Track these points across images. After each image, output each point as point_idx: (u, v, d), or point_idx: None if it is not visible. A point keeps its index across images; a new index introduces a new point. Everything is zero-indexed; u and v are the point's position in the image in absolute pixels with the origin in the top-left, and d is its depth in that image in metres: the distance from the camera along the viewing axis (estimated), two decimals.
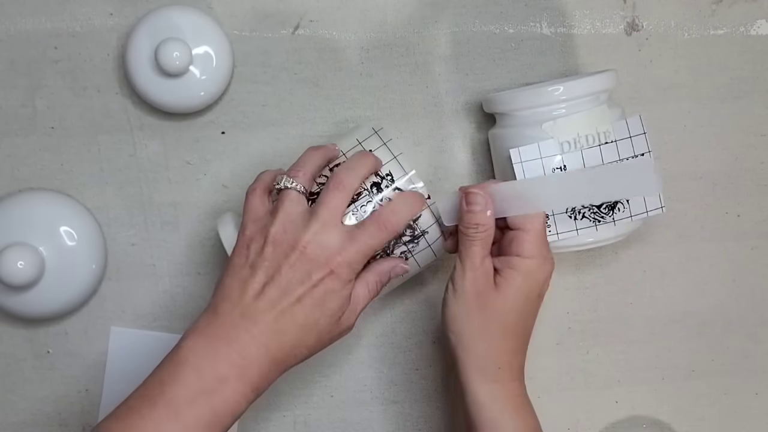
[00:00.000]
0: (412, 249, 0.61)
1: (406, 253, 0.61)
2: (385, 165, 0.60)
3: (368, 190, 0.60)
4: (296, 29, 0.69)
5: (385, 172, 0.60)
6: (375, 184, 0.60)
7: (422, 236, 0.61)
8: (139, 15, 0.68)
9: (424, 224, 0.61)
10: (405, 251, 0.61)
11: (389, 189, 0.60)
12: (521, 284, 0.59)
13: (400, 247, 0.61)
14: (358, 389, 0.73)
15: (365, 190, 0.59)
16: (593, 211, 0.62)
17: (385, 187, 0.60)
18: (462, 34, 0.70)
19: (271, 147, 0.70)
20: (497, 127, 0.67)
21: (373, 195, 0.59)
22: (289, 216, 0.56)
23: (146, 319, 0.71)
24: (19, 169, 0.69)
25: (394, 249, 0.61)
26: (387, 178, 0.60)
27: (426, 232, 0.61)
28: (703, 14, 0.72)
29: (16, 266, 0.61)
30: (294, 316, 0.55)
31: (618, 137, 0.62)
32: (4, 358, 0.70)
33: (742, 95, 0.73)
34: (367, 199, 0.59)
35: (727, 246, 0.74)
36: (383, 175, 0.60)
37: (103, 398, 0.71)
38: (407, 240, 0.61)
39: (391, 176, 0.60)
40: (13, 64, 0.68)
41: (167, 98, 0.66)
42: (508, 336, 0.60)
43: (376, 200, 0.59)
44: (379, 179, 0.60)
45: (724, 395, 0.75)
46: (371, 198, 0.59)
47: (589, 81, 0.62)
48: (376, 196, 0.59)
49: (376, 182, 0.60)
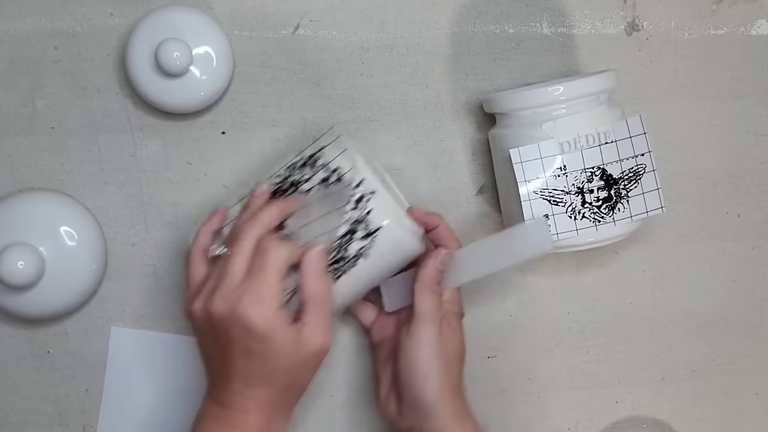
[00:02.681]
0: (367, 247, 0.59)
1: (363, 250, 0.59)
2: (333, 160, 0.60)
3: (317, 186, 0.60)
4: (296, 29, 0.69)
5: (334, 167, 0.60)
6: (323, 180, 0.60)
7: (377, 232, 0.59)
8: (139, 15, 0.68)
9: (378, 218, 0.59)
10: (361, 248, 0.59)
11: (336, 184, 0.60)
12: (462, 331, 0.65)
13: (355, 243, 0.59)
14: (358, 389, 0.73)
15: (314, 186, 0.60)
16: (593, 211, 0.62)
17: (334, 183, 0.60)
18: (462, 34, 0.70)
19: (272, 147, 0.70)
20: (497, 127, 0.67)
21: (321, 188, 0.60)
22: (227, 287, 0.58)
23: (146, 319, 0.71)
24: (20, 169, 0.69)
25: (348, 247, 0.59)
26: (334, 173, 0.60)
27: (380, 227, 0.59)
28: (704, 14, 0.72)
29: (17, 266, 0.61)
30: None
31: (618, 137, 0.62)
32: (4, 358, 0.70)
33: (742, 95, 0.73)
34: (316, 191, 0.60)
35: (727, 246, 0.74)
36: (332, 170, 0.60)
37: (103, 398, 0.71)
38: (361, 236, 0.59)
39: (338, 170, 0.60)
40: (14, 64, 0.68)
41: (167, 98, 0.66)
42: (463, 382, 0.65)
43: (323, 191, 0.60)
44: (327, 174, 0.60)
45: (725, 395, 0.75)
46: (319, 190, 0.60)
47: (589, 81, 0.62)
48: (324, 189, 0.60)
49: (324, 177, 0.60)
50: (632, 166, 0.63)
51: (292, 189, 0.61)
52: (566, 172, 0.62)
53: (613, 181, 0.62)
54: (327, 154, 0.61)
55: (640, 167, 0.63)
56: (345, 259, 0.59)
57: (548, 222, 0.61)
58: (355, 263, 0.60)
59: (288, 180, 0.62)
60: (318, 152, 0.62)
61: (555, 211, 0.62)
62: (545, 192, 0.62)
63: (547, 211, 0.62)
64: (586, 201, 0.62)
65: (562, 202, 0.62)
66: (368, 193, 0.59)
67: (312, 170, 0.61)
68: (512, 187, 0.64)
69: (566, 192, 0.62)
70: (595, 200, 0.62)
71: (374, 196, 0.59)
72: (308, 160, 0.62)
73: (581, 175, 0.62)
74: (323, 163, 0.61)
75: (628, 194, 0.63)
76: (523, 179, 0.62)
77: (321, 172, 0.60)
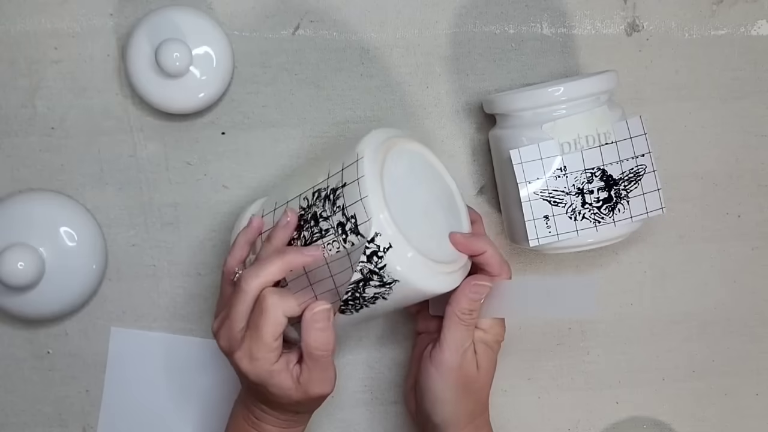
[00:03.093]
0: (385, 293, 0.56)
1: (381, 294, 0.56)
2: (351, 205, 0.55)
3: (334, 229, 0.56)
4: (297, 30, 0.69)
5: (351, 213, 0.55)
6: (340, 224, 0.55)
7: (393, 283, 0.55)
8: (139, 15, 0.67)
9: (393, 273, 0.55)
10: (378, 293, 0.56)
11: (353, 235, 0.55)
12: (495, 358, 0.63)
13: (371, 289, 0.56)
14: (358, 389, 0.73)
15: (332, 228, 0.56)
16: (593, 212, 0.62)
17: (350, 231, 0.55)
18: (462, 34, 0.70)
19: (272, 147, 0.70)
20: (497, 127, 0.67)
21: (338, 235, 0.56)
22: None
23: (146, 320, 0.71)
24: (20, 169, 0.69)
25: (365, 290, 0.56)
26: (351, 220, 0.55)
27: (397, 280, 0.55)
28: (704, 15, 0.72)
29: (17, 267, 0.61)
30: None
31: (618, 138, 0.62)
32: (4, 358, 0.70)
33: (742, 96, 0.73)
34: (332, 238, 0.56)
35: (727, 246, 0.74)
36: (348, 216, 0.55)
37: (103, 399, 0.71)
38: (377, 285, 0.55)
39: (355, 220, 0.55)
40: (14, 65, 0.68)
41: (167, 99, 0.66)
42: (486, 405, 0.64)
43: (341, 240, 0.56)
44: (345, 219, 0.55)
45: (725, 396, 0.75)
46: (337, 238, 0.56)
47: (589, 82, 0.62)
48: (340, 237, 0.55)
49: (341, 222, 0.55)
50: (632, 166, 0.63)
51: (313, 222, 0.57)
52: (566, 172, 0.62)
53: (613, 182, 0.62)
54: (347, 195, 0.55)
55: (641, 168, 0.63)
56: (363, 299, 0.57)
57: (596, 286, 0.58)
58: (374, 302, 0.57)
59: (311, 210, 0.58)
60: (340, 189, 0.56)
61: (555, 211, 0.62)
62: (545, 193, 0.62)
63: (547, 211, 0.62)
64: (587, 202, 0.62)
65: (563, 203, 0.62)
66: (383, 249, 0.54)
67: (332, 209, 0.56)
68: (512, 188, 0.63)
69: (566, 193, 0.62)
70: (596, 201, 0.62)
71: (390, 251, 0.54)
72: (330, 194, 0.57)
73: (581, 175, 0.62)
74: (341, 206, 0.55)
75: (628, 195, 0.63)
76: (524, 180, 0.62)
77: (339, 215, 0.56)
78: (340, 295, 0.57)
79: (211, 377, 0.71)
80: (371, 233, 0.54)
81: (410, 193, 0.58)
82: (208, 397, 0.71)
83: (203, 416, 0.71)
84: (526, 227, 0.63)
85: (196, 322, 0.71)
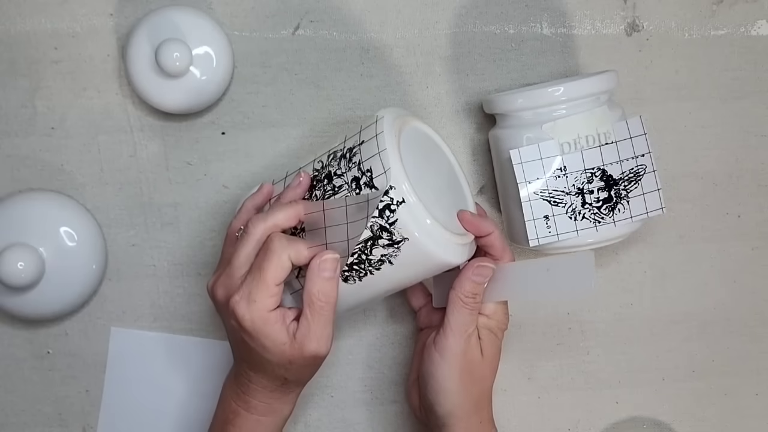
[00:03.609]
0: (392, 254, 0.56)
1: (388, 257, 0.56)
2: (368, 159, 0.56)
3: (348, 185, 0.56)
4: (297, 30, 0.69)
5: (367, 167, 0.55)
6: (355, 179, 0.56)
7: (403, 242, 0.55)
8: (139, 15, 0.68)
9: (403, 230, 0.54)
10: (385, 254, 0.56)
11: (367, 188, 0.55)
12: (499, 346, 0.62)
13: (378, 249, 0.55)
14: (358, 389, 0.73)
15: (345, 184, 0.56)
16: (593, 212, 0.62)
17: (364, 185, 0.55)
18: (462, 34, 0.70)
19: (272, 147, 0.70)
20: (497, 127, 0.67)
21: (352, 190, 0.56)
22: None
23: (146, 320, 0.71)
24: (20, 169, 0.69)
25: (372, 252, 0.56)
26: (366, 174, 0.55)
27: (406, 238, 0.55)
28: (704, 15, 0.72)
29: (17, 267, 0.61)
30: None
31: (618, 138, 0.62)
32: (4, 358, 0.70)
33: (742, 96, 0.73)
34: (345, 194, 0.56)
35: (727, 246, 0.74)
36: (364, 170, 0.56)
37: (103, 399, 0.71)
38: (386, 244, 0.55)
39: (371, 173, 0.55)
40: (14, 65, 0.68)
41: (167, 99, 0.66)
42: (490, 397, 0.63)
43: (354, 195, 0.56)
44: (360, 174, 0.56)
45: (725, 396, 0.75)
46: (350, 193, 0.56)
47: (589, 82, 0.62)
48: (354, 191, 0.56)
49: (356, 177, 0.56)
50: (632, 166, 0.63)
51: (326, 181, 0.57)
52: (566, 172, 0.62)
53: (613, 182, 0.62)
54: (364, 151, 0.56)
55: (641, 168, 0.63)
56: (369, 262, 0.56)
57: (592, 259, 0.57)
58: (379, 267, 0.56)
59: (325, 170, 0.58)
60: (357, 147, 0.57)
61: (555, 211, 0.62)
62: (545, 193, 0.62)
63: (547, 211, 0.62)
64: (587, 202, 0.62)
65: (563, 203, 0.62)
66: (396, 203, 0.54)
67: (347, 165, 0.57)
68: (512, 188, 0.64)
69: (566, 193, 0.62)
70: (596, 201, 0.62)
71: (402, 206, 0.54)
72: (347, 153, 0.57)
73: (581, 175, 0.62)
74: (357, 161, 0.56)
75: (628, 195, 0.63)
76: (524, 180, 0.62)
77: (355, 170, 0.56)
78: (348, 250, 0.56)
79: (212, 377, 0.71)
80: (386, 185, 0.54)
81: (421, 168, 0.58)
82: (208, 396, 0.71)
83: (203, 416, 0.71)
84: (526, 227, 0.63)
85: (196, 322, 0.71)
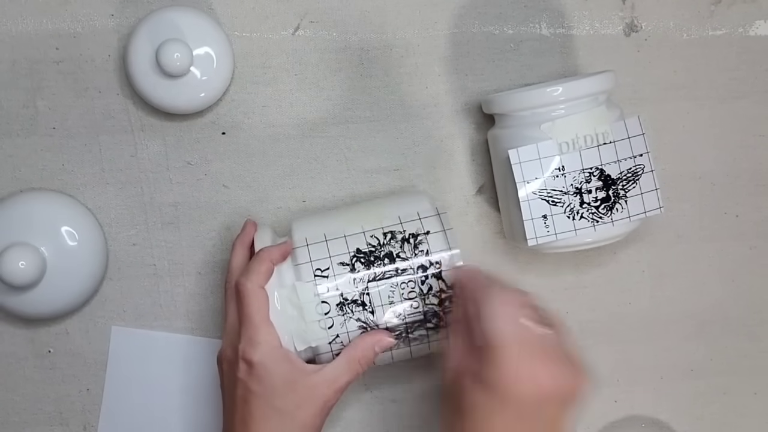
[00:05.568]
0: (431, 336, 0.61)
1: (428, 338, 0.61)
2: (436, 253, 0.59)
3: (413, 270, 0.59)
4: (297, 30, 0.70)
5: (435, 259, 0.59)
6: (422, 267, 0.59)
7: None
8: (140, 16, 0.68)
9: None
10: (424, 335, 0.61)
11: (434, 279, 0.59)
12: None
13: (421, 331, 0.60)
14: (358, 389, 0.73)
15: (410, 269, 0.59)
16: (592, 211, 0.63)
17: (432, 276, 0.59)
18: (461, 35, 0.71)
19: (272, 147, 0.70)
20: (496, 127, 0.67)
21: (417, 275, 0.59)
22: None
23: (147, 319, 0.71)
24: (21, 169, 0.69)
25: (414, 331, 0.60)
26: (435, 265, 0.59)
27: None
28: (702, 15, 0.72)
29: (18, 266, 0.61)
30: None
31: (616, 138, 0.63)
32: (5, 357, 0.70)
33: (740, 96, 0.73)
34: (409, 278, 0.59)
35: (725, 246, 0.74)
36: (433, 261, 0.59)
37: (104, 398, 0.71)
38: (430, 327, 0.60)
39: (440, 265, 0.59)
40: (15, 65, 0.68)
41: (168, 99, 0.66)
42: None
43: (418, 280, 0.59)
44: (428, 264, 0.59)
45: (723, 395, 0.75)
46: (414, 277, 0.59)
47: (587, 82, 0.62)
48: (419, 277, 0.59)
49: (423, 265, 0.59)
50: (630, 166, 0.63)
51: (387, 260, 0.60)
52: (565, 172, 0.62)
53: (611, 182, 0.63)
54: (432, 242, 0.60)
55: (639, 168, 0.63)
56: (408, 340, 0.61)
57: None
58: (410, 344, 0.61)
59: (384, 248, 0.60)
60: (422, 236, 0.60)
61: (553, 211, 0.63)
62: (544, 192, 0.63)
63: (545, 211, 0.63)
64: (585, 201, 0.63)
65: (561, 203, 0.63)
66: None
67: (412, 251, 0.60)
68: (511, 188, 0.64)
69: (565, 192, 0.62)
70: (594, 200, 0.63)
71: None
72: (409, 237, 0.60)
73: (580, 175, 0.62)
74: (425, 251, 0.59)
75: (626, 194, 0.63)
76: (522, 180, 0.63)
77: (422, 258, 0.59)
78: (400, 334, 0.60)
79: (212, 376, 0.71)
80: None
81: None
82: (208, 396, 0.71)
83: (204, 415, 0.71)
84: (524, 227, 0.63)
85: (197, 321, 0.71)
